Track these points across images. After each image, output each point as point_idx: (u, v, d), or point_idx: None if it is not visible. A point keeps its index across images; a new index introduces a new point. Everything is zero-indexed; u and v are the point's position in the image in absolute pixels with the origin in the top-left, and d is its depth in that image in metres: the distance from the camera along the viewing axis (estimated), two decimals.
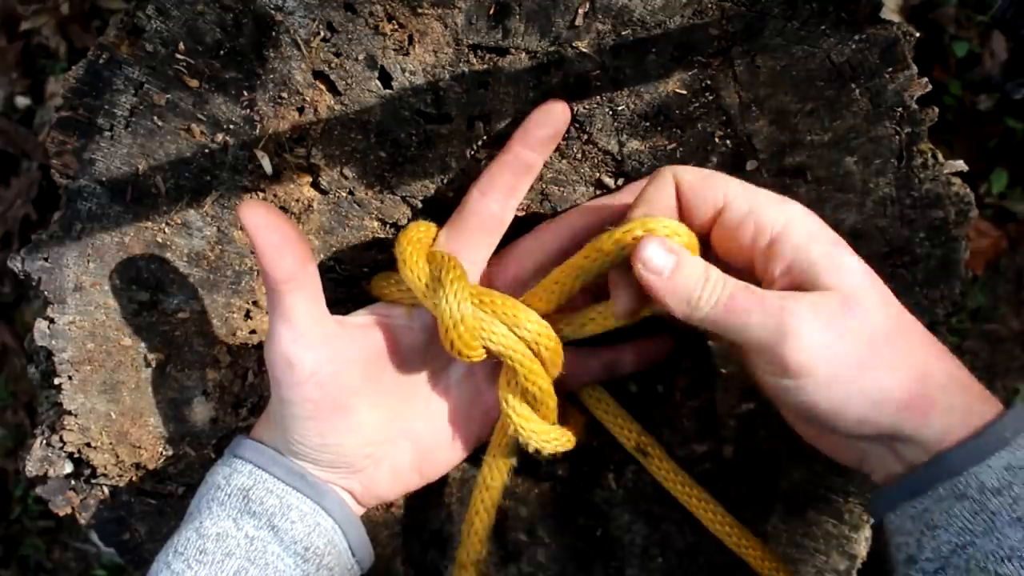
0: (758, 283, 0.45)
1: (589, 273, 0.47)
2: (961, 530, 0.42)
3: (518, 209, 0.52)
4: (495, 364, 0.53)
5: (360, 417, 0.49)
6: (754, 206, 0.44)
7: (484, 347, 0.48)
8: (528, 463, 0.58)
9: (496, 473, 0.54)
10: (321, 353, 0.46)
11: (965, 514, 0.42)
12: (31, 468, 0.55)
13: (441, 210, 0.53)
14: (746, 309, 0.43)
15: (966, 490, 0.42)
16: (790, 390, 0.43)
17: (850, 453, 0.48)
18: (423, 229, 0.50)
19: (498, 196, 0.49)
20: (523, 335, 0.48)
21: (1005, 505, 0.41)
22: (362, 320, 0.51)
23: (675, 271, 0.43)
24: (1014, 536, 0.41)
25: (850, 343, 0.42)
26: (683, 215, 0.45)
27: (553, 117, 0.49)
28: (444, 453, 0.54)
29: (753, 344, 0.43)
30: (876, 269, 0.46)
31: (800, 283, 0.43)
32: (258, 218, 0.44)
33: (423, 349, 0.52)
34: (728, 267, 0.45)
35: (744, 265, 0.45)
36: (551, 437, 0.51)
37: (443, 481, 0.58)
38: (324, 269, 0.54)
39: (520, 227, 0.53)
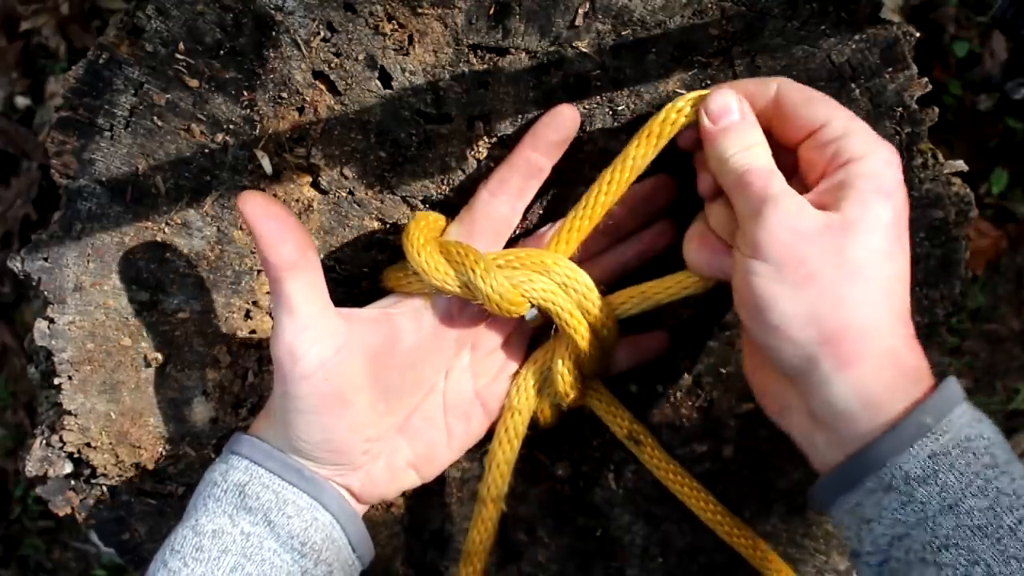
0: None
1: (639, 165, 0.49)
2: (894, 522, 0.42)
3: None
4: (498, 362, 0.53)
5: (361, 413, 0.49)
6: (848, 132, 0.44)
7: (527, 300, 0.50)
8: (528, 463, 0.58)
9: (525, 397, 0.53)
10: (326, 346, 0.46)
11: (895, 506, 0.42)
12: (31, 468, 0.55)
13: (441, 210, 0.53)
14: (753, 183, 0.44)
15: (892, 481, 0.42)
16: (743, 269, 0.44)
17: (800, 430, 0.47)
18: (426, 222, 0.50)
19: (507, 198, 0.50)
20: (555, 279, 0.50)
21: (933, 494, 0.41)
22: (370, 314, 0.51)
23: (734, 124, 0.45)
24: (947, 524, 0.40)
25: (816, 253, 0.42)
26: (775, 125, 0.47)
27: (563, 121, 0.49)
28: (441, 452, 0.54)
29: (739, 215, 0.45)
30: None
31: (830, 201, 0.44)
32: (257, 207, 0.45)
33: (427, 346, 0.52)
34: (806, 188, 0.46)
35: (813, 184, 0.45)
36: (576, 392, 0.53)
37: (443, 481, 0.58)
38: (324, 269, 0.54)
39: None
